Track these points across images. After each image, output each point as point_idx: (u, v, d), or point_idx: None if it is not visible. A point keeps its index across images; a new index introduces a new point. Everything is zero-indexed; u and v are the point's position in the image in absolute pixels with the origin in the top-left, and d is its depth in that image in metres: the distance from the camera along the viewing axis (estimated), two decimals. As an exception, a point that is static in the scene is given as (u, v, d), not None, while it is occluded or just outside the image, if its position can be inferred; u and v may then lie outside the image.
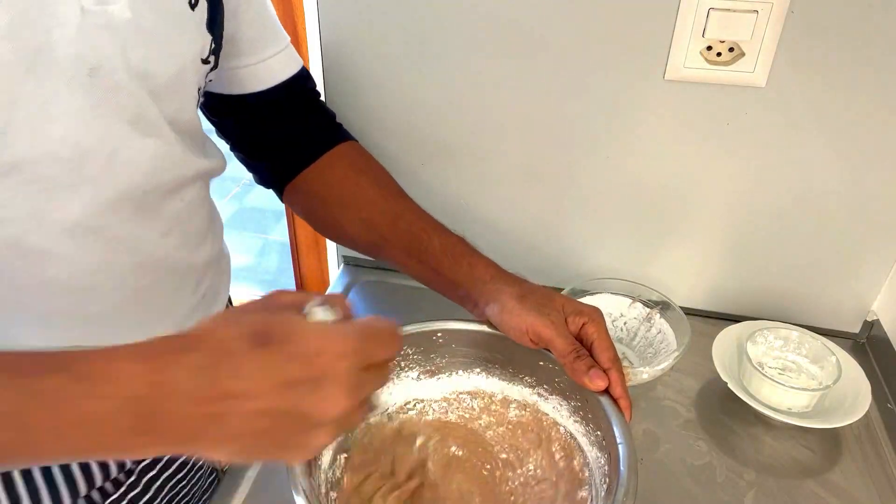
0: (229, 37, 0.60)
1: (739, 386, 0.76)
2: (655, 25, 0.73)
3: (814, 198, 0.80)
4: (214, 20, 0.54)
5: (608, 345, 0.57)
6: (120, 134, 0.48)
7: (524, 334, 0.58)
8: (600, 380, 0.55)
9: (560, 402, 0.62)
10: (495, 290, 0.61)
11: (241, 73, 0.65)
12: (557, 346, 0.57)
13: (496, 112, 0.83)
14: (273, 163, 0.72)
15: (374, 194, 0.70)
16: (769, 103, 0.75)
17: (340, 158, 0.72)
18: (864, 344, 0.89)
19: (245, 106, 0.67)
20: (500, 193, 0.90)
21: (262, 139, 0.71)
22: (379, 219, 0.68)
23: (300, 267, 1.61)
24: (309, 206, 0.73)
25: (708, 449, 0.74)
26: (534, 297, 0.59)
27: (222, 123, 0.70)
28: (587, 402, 0.59)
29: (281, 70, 0.67)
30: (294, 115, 0.70)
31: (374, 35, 0.81)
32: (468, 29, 0.78)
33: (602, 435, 0.57)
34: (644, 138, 0.81)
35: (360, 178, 0.71)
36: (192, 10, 0.51)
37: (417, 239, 0.66)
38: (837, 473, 0.72)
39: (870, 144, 0.75)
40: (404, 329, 0.63)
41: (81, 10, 0.43)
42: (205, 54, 0.54)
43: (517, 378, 0.65)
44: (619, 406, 0.56)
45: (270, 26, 0.65)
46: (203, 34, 0.53)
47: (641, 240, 0.89)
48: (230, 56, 0.62)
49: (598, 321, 0.58)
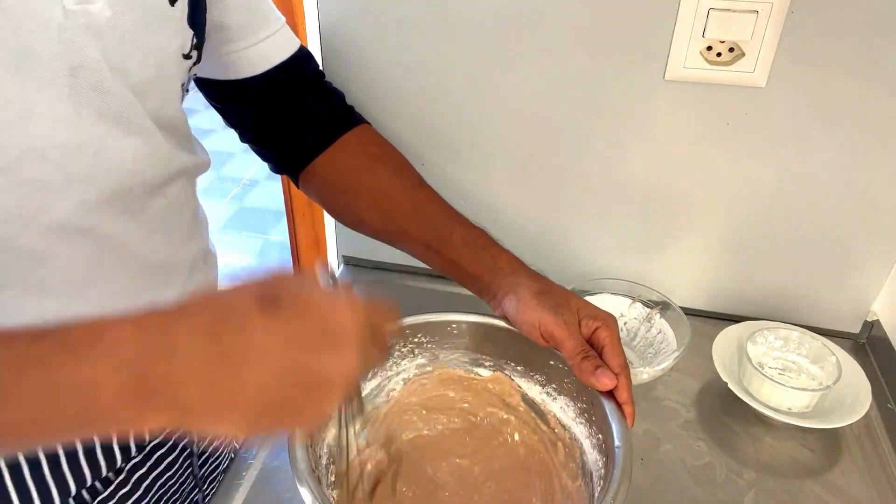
0: (217, 24, 0.60)
1: (739, 386, 0.76)
2: (655, 25, 0.73)
3: (814, 198, 0.80)
4: (196, 15, 0.54)
5: (619, 351, 0.57)
6: (104, 133, 0.48)
7: (536, 329, 0.59)
8: (607, 378, 0.55)
9: (567, 402, 0.63)
10: (515, 284, 0.62)
11: (234, 58, 0.64)
12: (567, 346, 0.57)
13: (495, 111, 0.83)
14: (283, 150, 0.71)
15: (392, 184, 0.69)
16: (769, 103, 0.75)
17: (354, 145, 0.71)
18: (864, 344, 0.89)
19: (243, 91, 0.66)
20: (500, 193, 0.90)
21: (266, 125, 0.70)
22: (398, 210, 0.68)
23: (300, 267, 1.60)
24: (325, 195, 0.73)
25: (708, 449, 0.74)
26: (551, 295, 0.60)
27: (225, 110, 0.69)
28: (593, 406, 0.59)
29: (276, 52, 0.66)
30: (296, 98, 0.69)
31: (374, 30, 0.81)
32: (468, 27, 0.78)
33: (603, 438, 0.57)
34: (644, 138, 0.81)
35: (376, 166, 0.70)
36: (172, 5, 0.51)
37: (438, 231, 0.66)
38: (837, 473, 0.72)
39: (870, 144, 0.75)
40: (420, 318, 0.64)
41: (63, 10, 0.43)
42: (186, 49, 0.54)
43: (528, 375, 0.65)
44: (623, 412, 0.56)
45: (261, 9, 0.65)
46: (184, 29, 0.53)
47: (641, 240, 0.89)
48: (222, 42, 0.62)
49: (612, 327, 0.59)
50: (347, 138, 0.71)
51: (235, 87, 0.66)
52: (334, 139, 0.70)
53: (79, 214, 0.49)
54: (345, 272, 0.99)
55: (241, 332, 0.35)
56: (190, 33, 0.54)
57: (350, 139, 0.71)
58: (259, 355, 0.35)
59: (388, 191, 0.69)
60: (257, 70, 0.66)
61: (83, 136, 0.47)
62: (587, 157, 0.84)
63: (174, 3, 0.51)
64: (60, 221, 0.48)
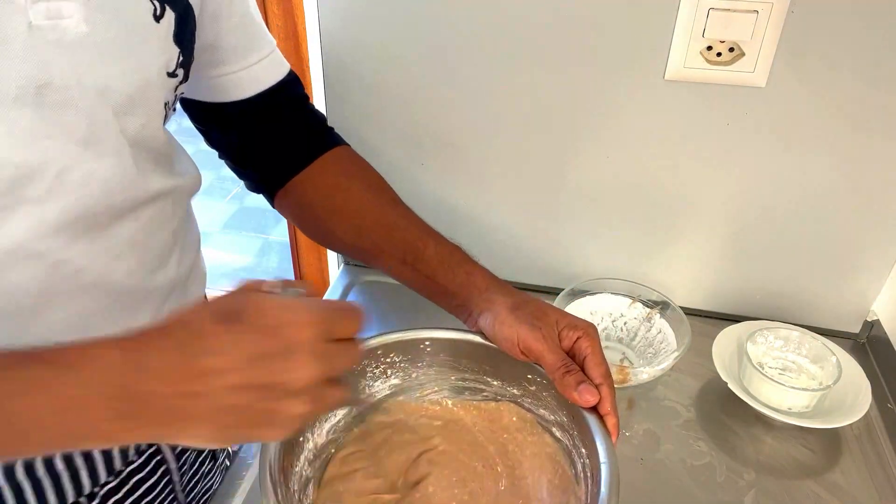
0: (209, 44, 0.59)
1: (739, 386, 0.76)
2: (655, 25, 0.73)
3: (814, 198, 0.80)
4: (183, 32, 0.53)
5: (601, 360, 0.56)
6: (69, 153, 0.46)
7: (515, 346, 0.57)
8: (589, 395, 0.54)
9: (547, 416, 0.61)
10: (490, 300, 0.60)
11: (223, 81, 0.63)
12: (547, 360, 0.56)
13: (495, 112, 0.83)
14: (262, 170, 0.70)
15: (367, 201, 0.68)
16: (769, 103, 0.75)
17: (331, 164, 0.70)
18: (864, 344, 0.89)
19: (229, 114, 0.65)
20: (500, 193, 0.90)
21: (249, 147, 0.69)
22: (372, 226, 0.67)
23: (300, 267, 1.60)
24: (300, 213, 0.72)
25: (708, 449, 0.74)
26: (528, 308, 0.59)
27: (207, 132, 0.68)
28: (573, 419, 0.57)
29: (265, 77, 0.65)
30: (280, 121, 0.68)
31: (375, 35, 0.81)
32: (469, 29, 0.78)
33: (587, 452, 0.55)
34: (644, 138, 0.81)
35: (352, 183, 0.69)
36: (157, 21, 0.50)
37: (412, 247, 0.65)
38: (837, 473, 0.72)
39: (870, 144, 0.75)
40: (391, 336, 0.62)
41: (29, 25, 0.42)
42: (171, 67, 0.52)
43: (504, 390, 0.63)
44: (607, 424, 0.54)
45: (254, 32, 0.64)
46: (169, 47, 0.52)
47: (641, 240, 0.89)
48: (212, 64, 0.61)
49: (593, 336, 0.57)
50: (325, 158, 0.70)
51: (221, 109, 0.65)
52: (312, 160, 0.69)
53: (33, 238, 0.47)
54: (345, 272, 0.99)
55: (208, 350, 0.38)
56: (176, 51, 0.52)
57: (327, 159, 0.70)
58: (222, 370, 0.38)
59: (363, 208, 0.68)
60: (247, 93, 0.64)
61: (44, 157, 0.45)
62: (587, 157, 0.84)
63: (160, 20, 0.50)
64: (12, 244, 0.46)
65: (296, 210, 0.72)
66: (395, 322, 0.92)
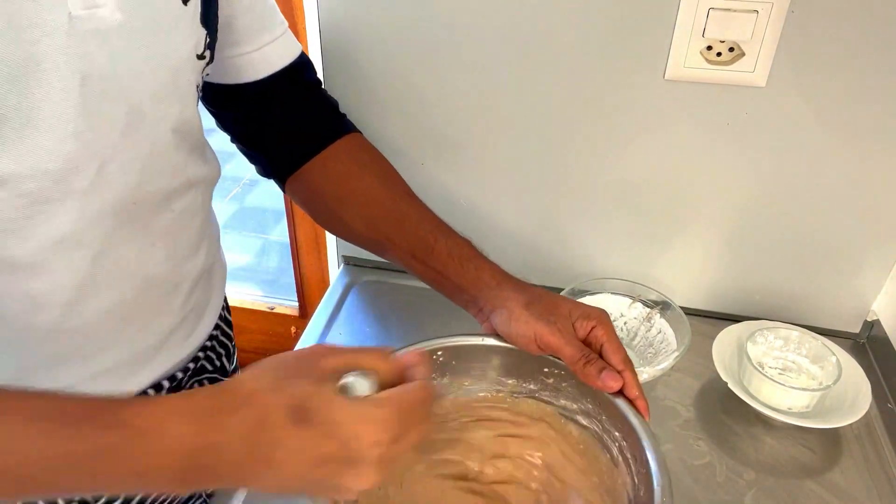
0: (224, 24, 0.59)
1: (739, 386, 0.76)
2: (655, 25, 0.73)
3: (814, 198, 0.80)
4: (208, 13, 0.53)
5: (618, 346, 0.57)
6: (111, 143, 0.47)
7: (532, 342, 0.58)
8: (613, 381, 0.55)
9: (570, 405, 0.61)
10: (502, 297, 0.60)
11: (237, 62, 0.63)
12: (566, 353, 0.56)
13: (495, 111, 0.83)
14: (273, 154, 0.71)
15: (379, 192, 0.68)
16: (769, 103, 0.75)
17: (344, 151, 0.70)
18: (864, 344, 0.89)
19: (242, 96, 0.65)
20: (500, 192, 0.90)
21: (261, 130, 0.69)
22: (383, 218, 0.67)
23: (300, 267, 1.60)
24: (310, 200, 0.72)
25: (708, 449, 0.74)
26: (541, 303, 0.59)
27: (220, 114, 0.69)
28: (600, 405, 0.58)
29: (279, 58, 0.65)
30: (293, 104, 0.68)
31: (374, 28, 0.81)
32: (469, 28, 0.78)
33: (621, 435, 0.56)
34: (644, 138, 0.81)
35: (364, 173, 0.69)
36: (185, 4, 0.50)
37: (423, 241, 0.65)
38: (837, 473, 0.72)
39: (870, 144, 0.75)
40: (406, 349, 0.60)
41: (69, 16, 0.42)
42: (200, 49, 0.53)
43: (520, 387, 0.63)
44: (637, 407, 0.55)
45: (267, 12, 0.63)
46: (197, 28, 0.52)
47: (641, 240, 0.89)
48: (226, 45, 0.61)
49: (607, 324, 0.58)
50: (337, 146, 0.70)
51: (234, 91, 0.65)
52: (324, 146, 0.69)
53: (78, 228, 0.47)
54: (345, 272, 0.99)
55: (273, 445, 0.41)
56: (203, 32, 0.53)
57: (340, 146, 0.70)
58: (284, 467, 0.41)
59: (374, 198, 0.68)
60: (259, 75, 0.64)
61: (89, 148, 0.46)
62: (587, 156, 0.84)
63: (187, 3, 0.50)
64: (59, 235, 0.47)
65: (306, 196, 0.72)
66: (395, 322, 0.92)
